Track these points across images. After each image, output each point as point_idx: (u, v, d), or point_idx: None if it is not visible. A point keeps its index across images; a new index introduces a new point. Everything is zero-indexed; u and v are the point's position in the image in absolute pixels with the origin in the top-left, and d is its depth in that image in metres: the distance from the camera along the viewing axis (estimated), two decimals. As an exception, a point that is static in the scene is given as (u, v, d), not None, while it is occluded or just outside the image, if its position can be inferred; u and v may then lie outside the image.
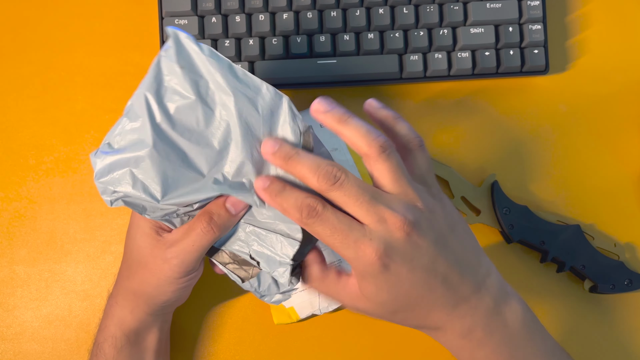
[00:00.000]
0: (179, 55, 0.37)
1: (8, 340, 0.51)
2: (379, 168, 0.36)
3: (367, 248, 0.35)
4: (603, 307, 0.52)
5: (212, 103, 0.37)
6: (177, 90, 0.37)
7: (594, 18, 0.55)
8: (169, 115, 0.37)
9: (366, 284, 0.37)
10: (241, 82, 0.37)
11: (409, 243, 0.35)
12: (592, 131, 0.53)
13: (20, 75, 0.53)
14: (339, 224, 0.35)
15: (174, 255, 0.40)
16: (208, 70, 0.37)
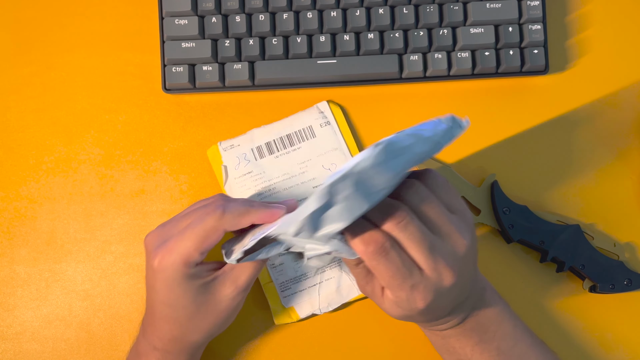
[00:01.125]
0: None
1: (8, 340, 0.51)
2: (423, 210, 0.37)
3: (418, 295, 0.37)
4: (603, 307, 0.52)
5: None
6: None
7: (593, 18, 0.55)
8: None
9: (402, 309, 0.38)
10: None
11: (450, 288, 0.38)
12: (592, 131, 0.53)
13: (21, 75, 0.53)
14: (403, 267, 0.36)
15: (240, 290, 0.41)
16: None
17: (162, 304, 0.41)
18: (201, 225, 0.39)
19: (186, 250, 0.39)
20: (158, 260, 0.40)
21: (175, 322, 0.41)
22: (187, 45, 0.51)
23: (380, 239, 0.36)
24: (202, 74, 0.51)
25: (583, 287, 0.51)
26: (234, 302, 0.41)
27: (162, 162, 0.53)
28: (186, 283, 0.40)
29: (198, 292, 0.40)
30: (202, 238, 0.39)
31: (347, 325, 0.51)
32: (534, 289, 0.52)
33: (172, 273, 0.39)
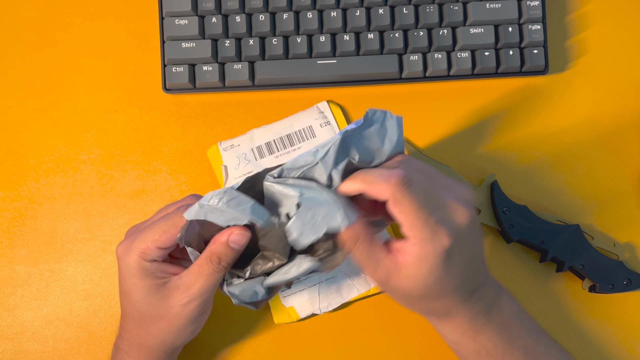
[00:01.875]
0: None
1: (9, 340, 0.51)
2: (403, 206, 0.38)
3: (442, 232, 0.37)
4: (602, 307, 0.52)
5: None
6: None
7: (593, 18, 0.55)
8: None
9: (422, 265, 0.38)
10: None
11: (469, 233, 0.39)
12: (591, 131, 0.53)
13: (21, 75, 0.53)
14: (428, 199, 0.37)
15: (192, 298, 0.41)
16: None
17: (122, 294, 0.43)
18: (163, 221, 0.40)
19: (144, 244, 0.40)
20: (120, 250, 0.41)
21: (132, 319, 0.42)
22: (187, 45, 0.51)
23: (401, 172, 0.37)
24: (202, 74, 0.51)
25: (583, 287, 0.51)
26: (186, 310, 0.41)
27: (162, 162, 0.53)
28: (140, 277, 0.40)
29: (150, 290, 0.41)
30: (161, 232, 0.40)
31: (347, 325, 0.51)
32: (534, 288, 0.52)
33: (130, 263, 0.40)
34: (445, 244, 0.37)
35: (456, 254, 0.38)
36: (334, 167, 0.39)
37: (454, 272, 0.39)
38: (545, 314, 0.52)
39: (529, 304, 0.52)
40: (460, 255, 0.38)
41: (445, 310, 0.41)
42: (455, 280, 0.39)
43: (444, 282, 0.39)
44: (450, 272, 0.38)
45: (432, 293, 0.39)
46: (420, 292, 0.39)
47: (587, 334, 0.52)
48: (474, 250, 0.40)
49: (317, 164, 0.39)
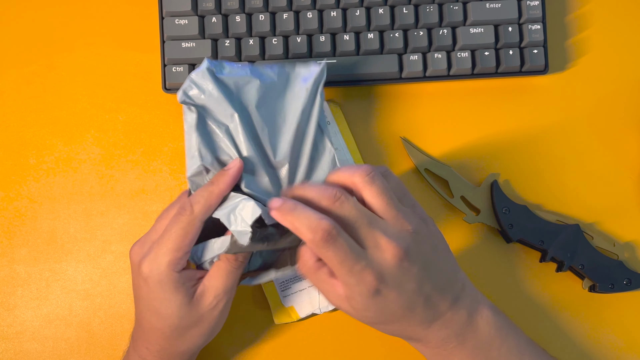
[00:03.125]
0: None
1: (9, 340, 0.51)
2: (368, 194, 0.38)
3: (367, 275, 0.37)
4: (602, 307, 0.52)
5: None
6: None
7: (593, 18, 0.55)
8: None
9: (354, 301, 0.38)
10: None
11: (400, 269, 0.37)
12: (591, 131, 0.53)
13: (21, 75, 0.53)
14: (351, 252, 0.37)
15: (219, 299, 0.41)
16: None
17: (149, 311, 0.41)
18: (177, 225, 0.40)
19: (169, 253, 0.39)
20: (145, 266, 0.40)
21: (162, 333, 0.42)
22: (187, 45, 0.51)
23: (327, 225, 0.36)
24: (202, 74, 0.51)
25: (582, 286, 0.51)
26: (215, 312, 0.42)
27: (162, 161, 0.53)
28: (172, 289, 0.40)
29: (183, 301, 0.40)
30: (181, 237, 0.39)
31: (346, 324, 0.51)
32: (534, 288, 0.52)
33: (159, 277, 0.40)
34: (371, 287, 0.37)
35: (390, 292, 0.38)
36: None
37: (393, 307, 0.38)
38: (545, 314, 0.52)
39: (529, 304, 0.52)
40: (397, 292, 0.38)
41: (408, 335, 0.41)
42: (400, 313, 0.39)
43: (385, 314, 0.39)
44: (389, 307, 0.38)
45: (380, 322, 0.40)
46: (368, 321, 0.40)
47: (587, 333, 0.52)
48: (420, 282, 0.38)
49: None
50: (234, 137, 0.42)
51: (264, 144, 0.43)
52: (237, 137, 0.42)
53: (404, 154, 0.53)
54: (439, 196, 0.52)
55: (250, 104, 0.43)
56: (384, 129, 0.53)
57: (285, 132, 0.44)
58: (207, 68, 0.42)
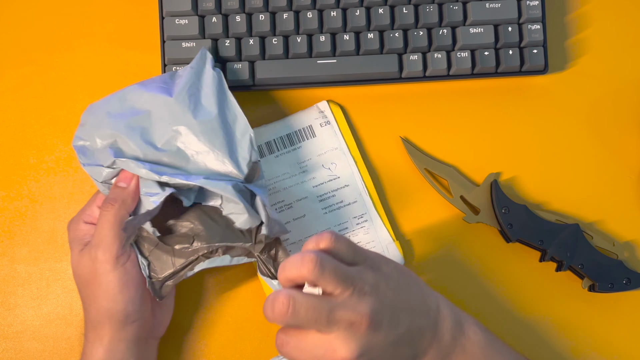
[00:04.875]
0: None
1: (9, 339, 0.51)
2: (324, 284, 0.37)
3: (342, 352, 0.36)
4: (602, 306, 0.52)
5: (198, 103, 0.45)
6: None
7: (593, 18, 0.55)
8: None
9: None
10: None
11: (372, 333, 0.37)
12: (591, 131, 0.54)
13: (21, 74, 0.53)
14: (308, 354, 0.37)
15: (96, 247, 0.42)
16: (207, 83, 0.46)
17: (76, 282, 0.45)
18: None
19: (84, 208, 0.46)
20: (69, 222, 0.46)
21: (79, 289, 0.45)
22: (187, 45, 0.51)
23: (280, 335, 0.38)
24: (203, 74, 0.51)
25: (582, 286, 0.51)
26: (106, 266, 0.42)
27: (163, 161, 0.53)
28: (76, 241, 0.44)
29: (80, 253, 0.44)
30: (99, 197, 0.45)
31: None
32: (533, 288, 0.52)
33: (72, 228, 0.45)
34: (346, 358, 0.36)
35: (370, 354, 0.37)
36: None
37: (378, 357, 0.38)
38: (545, 314, 0.52)
39: (528, 304, 0.52)
40: (376, 353, 0.37)
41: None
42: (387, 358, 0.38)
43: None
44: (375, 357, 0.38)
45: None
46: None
47: (586, 333, 0.52)
48: (394, 337, 0.38)
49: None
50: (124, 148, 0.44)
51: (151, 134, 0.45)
52: (127, 147, 0.44)
53: (404, 154, 0.53)
54: (439, 196, 0.52)
55: (135, 105, 0.45)
56: (384, 129, 0.53)
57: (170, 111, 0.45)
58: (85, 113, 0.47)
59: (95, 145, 0.44)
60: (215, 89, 0.46)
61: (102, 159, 0.44)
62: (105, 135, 0.44)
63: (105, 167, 0.44)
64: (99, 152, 0.44)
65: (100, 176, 0.44)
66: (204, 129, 0.44)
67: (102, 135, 0.44)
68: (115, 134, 0.44)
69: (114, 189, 0.43)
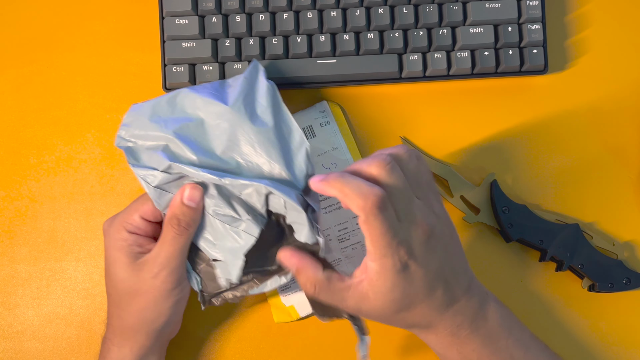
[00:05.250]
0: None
1: (9, 339, 0.51)
2: (408, 168, 0.39)
3: (401, 248, 0.37)
4: (602, 306, 0.52)
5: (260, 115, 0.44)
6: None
7: (593, 18, 0.55)
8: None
9: (383, 281, 0.38)
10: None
11: (427, 246, 0.38)
12: (591, 131, 0.54)
13: (21, 74, 0.53)
14: (394, 224, 0.37)
15: (161, 267, 0.41)
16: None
17: (106, 276, 0.44)
18: (145, 195, 0.43)
19: (127, 214, 0.43)
20: (106, 223, 0.44)
21: (111, 298, 0.43)
22: (187, 45, 0.51)
23: (380, 193, 0.36)
24: (203, 74, 0.51)
25: (582, 286, 0.51)
26: (157, 281, 0.41)
27: (163, 161, 0.53)
28: (118, 248, 0.42)
29: (126, 262, 0.42)
30: (143, 201, 0.43)
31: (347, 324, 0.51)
32: (533, 288, 0.52)
33: (111, 233, 0.42)
34: (403, 258, 0.38)
35: (418, 269, 0.38)
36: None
37: (419, 286, 0.39)
38: (545, 313, 0.52)
39: (528, 303, 0.52)
40: (424, 270, 0.38)
41: (424, 323, 0.41)
42: (424, 293, 0.39)
43: (411, 295, 0.39)
44: (415, 285, 0.39)
45: (403, 306, 0.40)
46: (392, 308, 0.39)
47: (586, 333, 0.52)
48: (442, 263, 0.40)
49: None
50: (179, 153, 0.43)
51: (213, 147, 0.43)
52: (182, 152, 0.42)
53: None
54: (439, 196, 0.52)
55: (191, 115, 0.44)
56: (384, 129, 0.53)
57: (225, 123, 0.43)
58: (132, 109, 0.44)
59: (143, 148, 0.43)
60: (270, 101, 0.44)
61: (153, 162, 0.42)
62: (155, 137, 0.42)
63: (161, 172, 0.42)
64: (147, 155, 0.43)
65: (154, 180, 0.42)
66: (261, 139, 0.43)
67: (152, 138, 0.42)
68: (168, 137, 0.42)
69: (181, 206, 0.41)
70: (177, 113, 0.44)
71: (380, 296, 0.39)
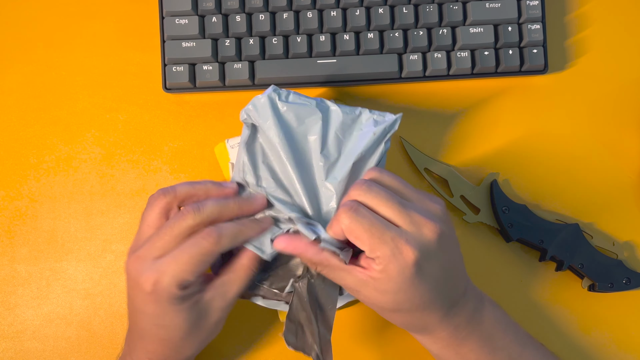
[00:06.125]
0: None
1: (9, 339, 0.51)
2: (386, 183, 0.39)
3: (404, 248, 0.36)
4: (601, 306, 0.52)
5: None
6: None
7: (593, 17, 0.55)
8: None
9: (390, 282, 0.37)
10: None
11: (437, 247, 0.38)
12: (591, 130, 0.54)
13: (21, 74, 0.53)
14: (377, 221, 0.37)
15: (229, 303, 0.41)
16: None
17: (154, 325, 0.40)
18: (197, 249, 0.38)
19: (182, 274, 0.38)
20: (151, 282, 0.38)
21: (168, 343, 0.41)
22: (187, 45, 0.51)
23: (350, 203, 0.38)
24: (203, 74, 0.51)
25: (582, 285, 0.51)
26: (224, 314, 0.41)
27: (163, 161, 0.53)
28: (179, 304, 0.39)
29: (191, 311, 0.39)
30: (198, 262, 0.38)
31: (347, 324, 0.51)
32: (533, 287, 0.52)
33: (166, 295, 0.38)
34: (410, 259, 0.36)
35: (425, 270, 0.37)
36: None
37: (424, 289, 0.38)
38: (545, 313, 0.52)
39: (528, 303, 0.52)
40: (431, 270, 0.38)
41: (422, 325, 0.41)
42: (428, 296, 0.38)
43: (415, 299, 0.38)
44: (420, 288, 0.38)
45: (404, 309, 0.39)
46: (392, 307, 0.39)
47: (586, 332, 0.52)
48: (447, 264, 0.39)
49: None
50: (279, 162, 0.42)
51: (313, 175, 0.42)
52: (282, 165, 0.42)
53: (404, 154, 0.53)
54: (439, 196, 0.52)
55: (308, 134, 0.43)
56: (383, 129, 0.53)
57: (339, 167, 0.42)
58: (270, 95, 0.42)
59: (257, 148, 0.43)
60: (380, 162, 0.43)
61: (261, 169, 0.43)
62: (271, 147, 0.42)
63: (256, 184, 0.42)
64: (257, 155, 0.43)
65: (250, 178, 0.42)
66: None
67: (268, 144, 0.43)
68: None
69: (254, 263, 0.41)
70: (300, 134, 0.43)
71: (381, 294, 0.38)
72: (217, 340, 0.50)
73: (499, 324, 0.43)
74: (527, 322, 0.50)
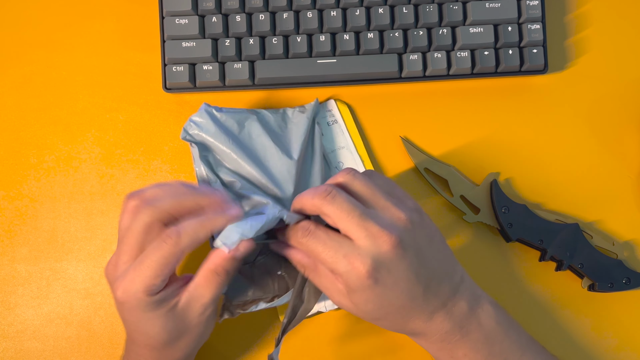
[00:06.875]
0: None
1: (9, 339, 0.51)
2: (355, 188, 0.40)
3: (356, 261, 0.37)
4: (601, 306, 0.52)
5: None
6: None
7: (593, 17, 0.55)
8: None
9: (354, 295, 0.39)
10: None
11: (394, 256, 0.38)
12: (591, 130, 0.54)
13: (21, 74, 0.53)
14: (329, 240, 0.38)
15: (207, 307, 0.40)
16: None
17: (136, 332, 0.41)
18: (159, 252, 0.38)
19: (147, 280, 0.38)
20: (120, 291, 0.39)
21: (152, 348, 0.41)
22: (187, 45, 0.51)
23: (305, 224, 0.40)
24: (203, 73, 0.51)
25: (582, 285, 0.51)
26: (203, 318, 0.41)
27: (163, 161, 0.53)
28: (152, 311, 0.39)
29: (167, 317, 0.39)
30: (161, 266, 0.38)
31: (348, 324, 0.51)
32: (533, 287, 0.52)
33: (137, 303, 0.38)
34: (362, 273, 0.37)
35: (384, 279, 0.38)
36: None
37: (392, 296, 0.38)
38: (545, 313, 0.52)
39: (528, 303, 0.52)
40: (392, 279, 0.38)
41: (410, 329, 0.41)
42: (399, 302, 0.39)
43: (385, 307, 0.39)
44: (387, 296, 0.38)
45: (381, 317, 0.40)
46: (369, 316, 0.40)
47: (586, 332, 0.52)
48: (417, 270, 0.39)
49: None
50: (235, 164, 0.47)
51: (269, 169, 0.47)
52: (238, 165, 0.47)
53: (404, 154, 0.53)
54: (439, 195, 0.52)
55: (252, 135, 0.48)
56: (384, 129, 0.53)
57: (294, 150, 0.48)
58: (205, 109, 0.47)
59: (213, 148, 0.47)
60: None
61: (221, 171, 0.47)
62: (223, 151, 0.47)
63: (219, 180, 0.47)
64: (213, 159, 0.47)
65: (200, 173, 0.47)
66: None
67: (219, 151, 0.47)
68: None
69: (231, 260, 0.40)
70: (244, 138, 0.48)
71: (355, 307, 0.40)
72: (217, 341, 0.50)
73: (498, 327, 0.42)
74: (526, 322, 0.51)
